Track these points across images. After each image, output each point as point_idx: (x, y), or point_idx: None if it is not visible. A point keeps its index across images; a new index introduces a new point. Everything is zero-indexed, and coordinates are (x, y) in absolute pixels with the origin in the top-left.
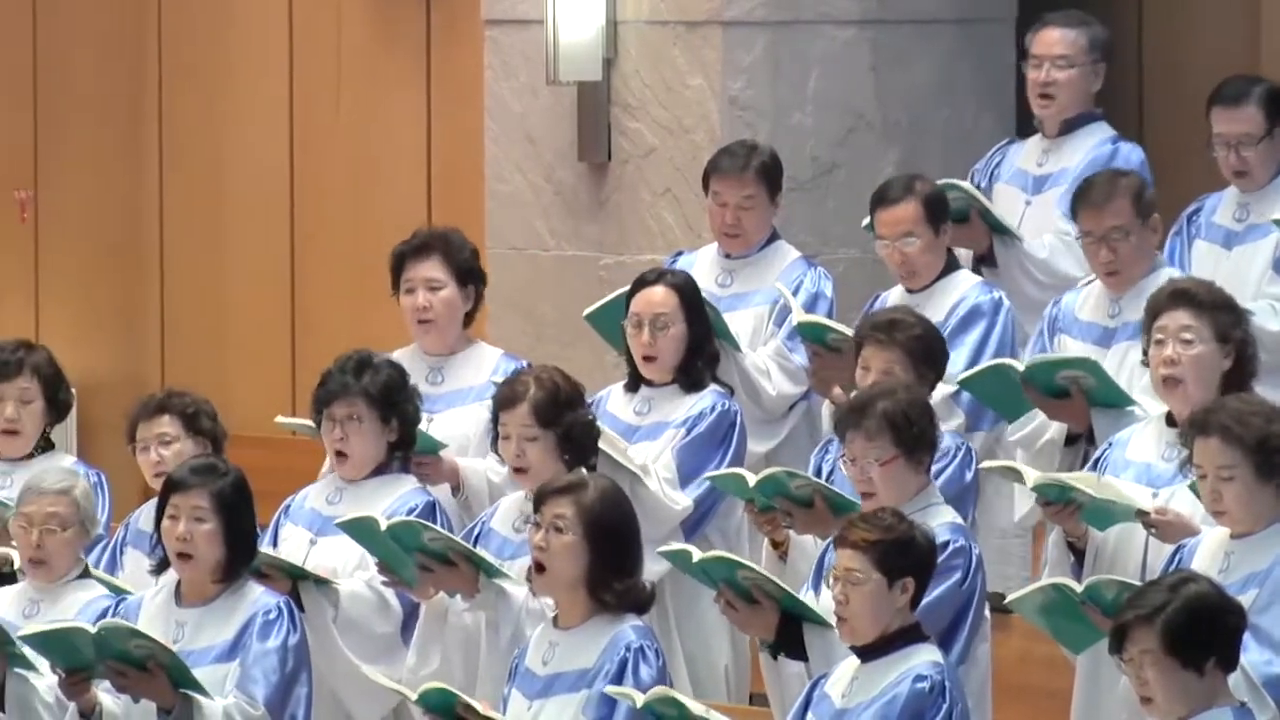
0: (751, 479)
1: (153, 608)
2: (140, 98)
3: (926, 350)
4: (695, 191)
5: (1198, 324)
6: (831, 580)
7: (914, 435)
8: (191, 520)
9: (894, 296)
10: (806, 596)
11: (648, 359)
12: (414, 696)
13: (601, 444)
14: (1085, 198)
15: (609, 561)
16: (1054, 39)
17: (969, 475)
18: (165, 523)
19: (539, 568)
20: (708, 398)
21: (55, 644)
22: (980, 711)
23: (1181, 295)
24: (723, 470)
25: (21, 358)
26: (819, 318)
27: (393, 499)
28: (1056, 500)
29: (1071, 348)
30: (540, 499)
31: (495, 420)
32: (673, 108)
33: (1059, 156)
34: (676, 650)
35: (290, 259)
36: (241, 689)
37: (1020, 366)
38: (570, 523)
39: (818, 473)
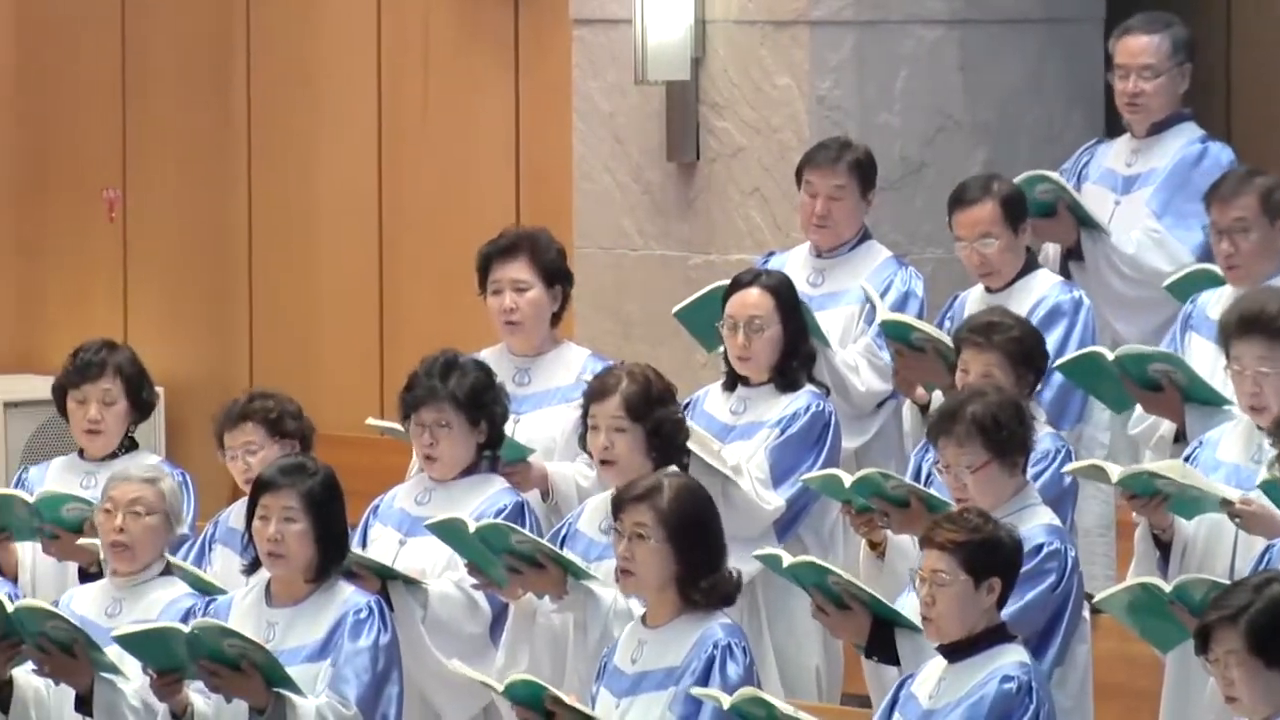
0: (847, 480)
1: (243, 607)
2: (229, 98)
3: (1025, 352)
4: (783, 191)
5: (1272, 354)
6: (918, 581)
7: (1005, 438)
8: (282, 520)
9: (973, 297)
10: (908, 598)
11: (743, 360)
12: (500, 688)
13: (692, 445)
14: (1216, 190)
15: (694, 560)
16: (1138, 48)
17: (1069, 478)
18: (256, 523)
19: (625, 574)
20: (803, 398)
21: (149, 644)
22: (1080, 712)
23: (1252, 323)
24: (818, 472)
25: (105, 358)
26: (903, 316)
27: (481, 500)
28: (1143, 493)
29: (1200, 346)
30: (618, 507)
31: (585, 413)
32: (760, 107)
33: (1148, 157)
34: (768, 650)
35: (378, 258)
36: (333, 689)
37: (1110, 355)
38: (651, 529)
39: (918, 471)
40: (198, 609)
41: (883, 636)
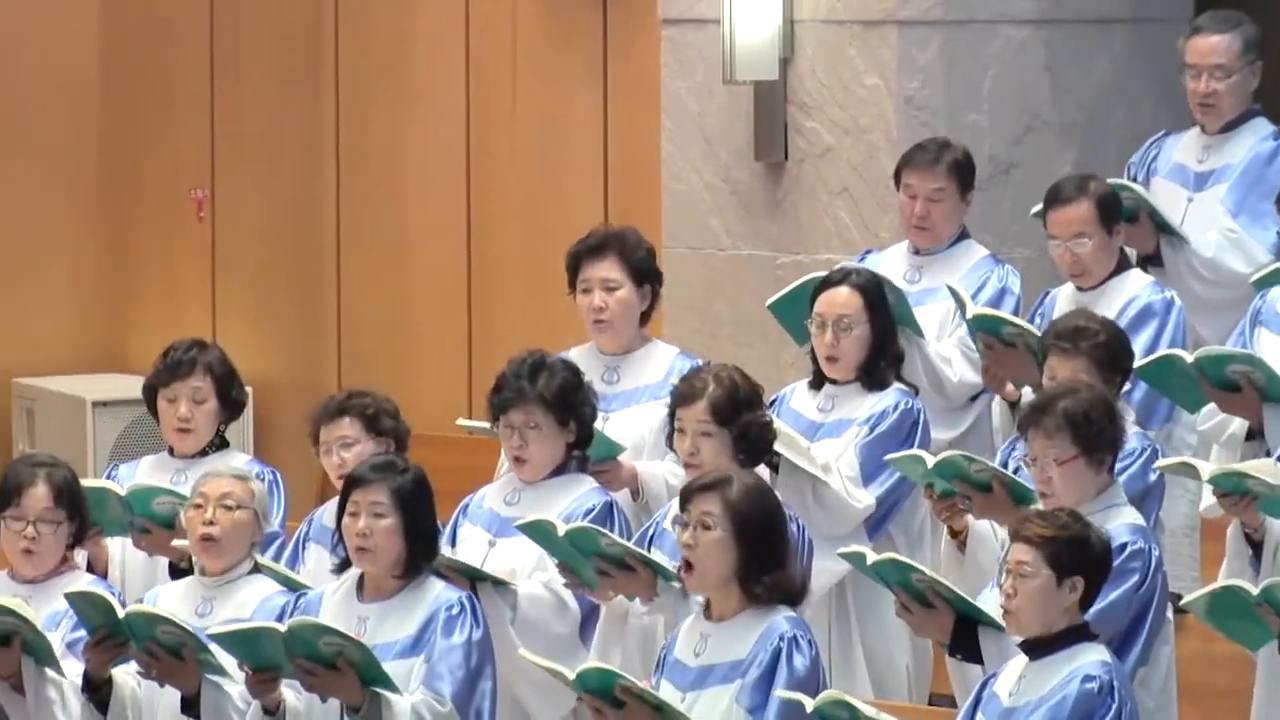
0: (930, 460)
1: (333, 603)
2: (317, 98)
3: (1111, 356)
4: (871, 190)
5: None
6: (1004, 573)
7: (1093, 434)
8: (371, 516)
9: (1064, 295)
10: (990, 595)
11: (830, 359)
12: (572, 676)
13: (780, 446)
14: None
15: (758, 555)
16: (1209, 48)
17: (1153, 476)
18: (346, 519)
19: (687, 566)
20: (891, 396)
21: (245, 643)
22: (1164, 713)
23: None
24: (902, 452)
25: (194, 356)
26: (994, 310)
27: (570, 500)
28: (1233, 492)
29: (1270, 341)
30: (686, 497)
31: (672, 416)
32: (849, 107)
33: (1220, 154)
34: (857, 649)
35: (467, 257)
36: (428, 686)
37: (1189, 358)
38: (718, 519)
39: (1004, 468)
40: (289, 606)
41: (966, 634)
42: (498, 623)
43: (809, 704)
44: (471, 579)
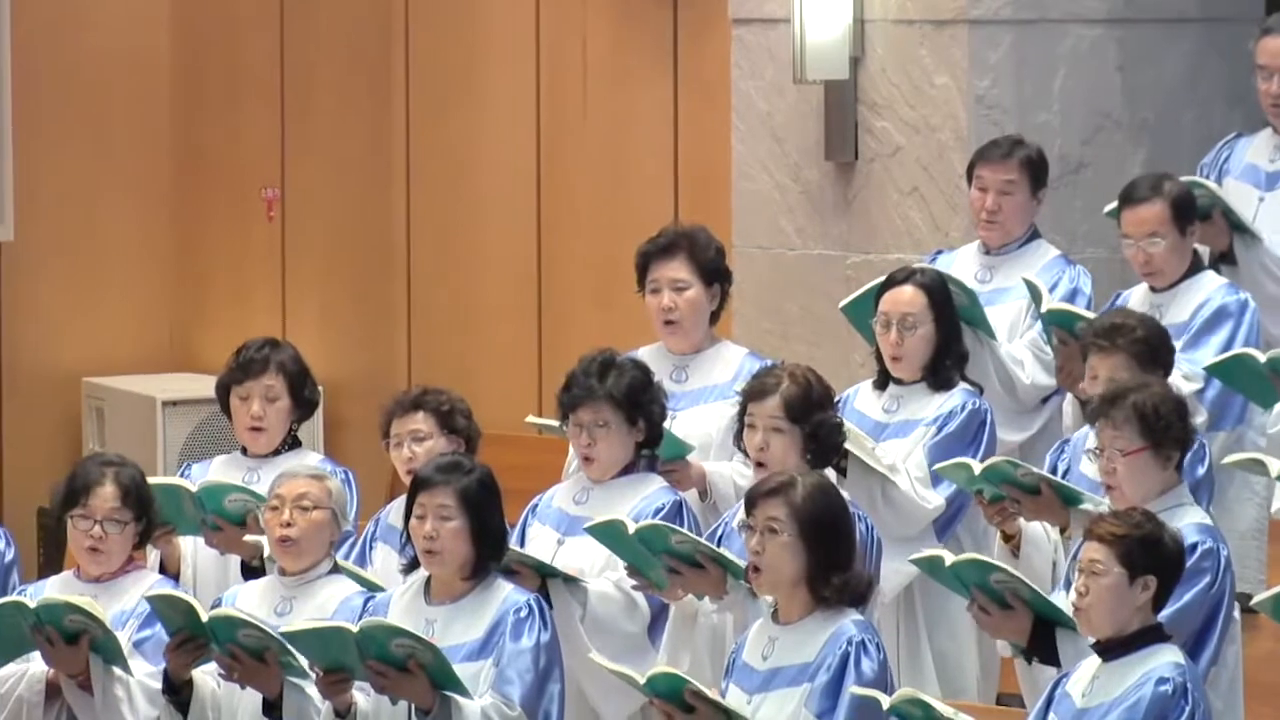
0: (977, 467)
1: (402, 604)
2: (387, 96)
3: (1151, 352)
4: (942, 190)
5: None
6: (1076, 572)
7: (1161, 429)
8: (438, 518)
9: (1137, 295)
10: (1055, 597)
11: (895, 358)
12: (641, 680)
13: (850, 445)
14: None
15: (825, 557)
16: (1278, 48)
17: (1201, 470)
18: (413, 522)
19: (755, 571)
20: (957, 396)
21: (317, 643)
22: (1231, 713)
23: None
24: (950, 461)
25: (267, 355)
26: (1068, 306)
27: (639, 498)
28: None
29: None
30: (751, 502)
31: (743, 411)
32: (919, 106)
33: None
34: (925, 649)
35: (537, 257)
36: (497, 689)
37: (1262, 358)
38: (784, 523)
39: (1053, 470)
40: (361, 607)
41: (1042, 637)
42: (568, 620)
43: (885, 701)
44: (542, 575)
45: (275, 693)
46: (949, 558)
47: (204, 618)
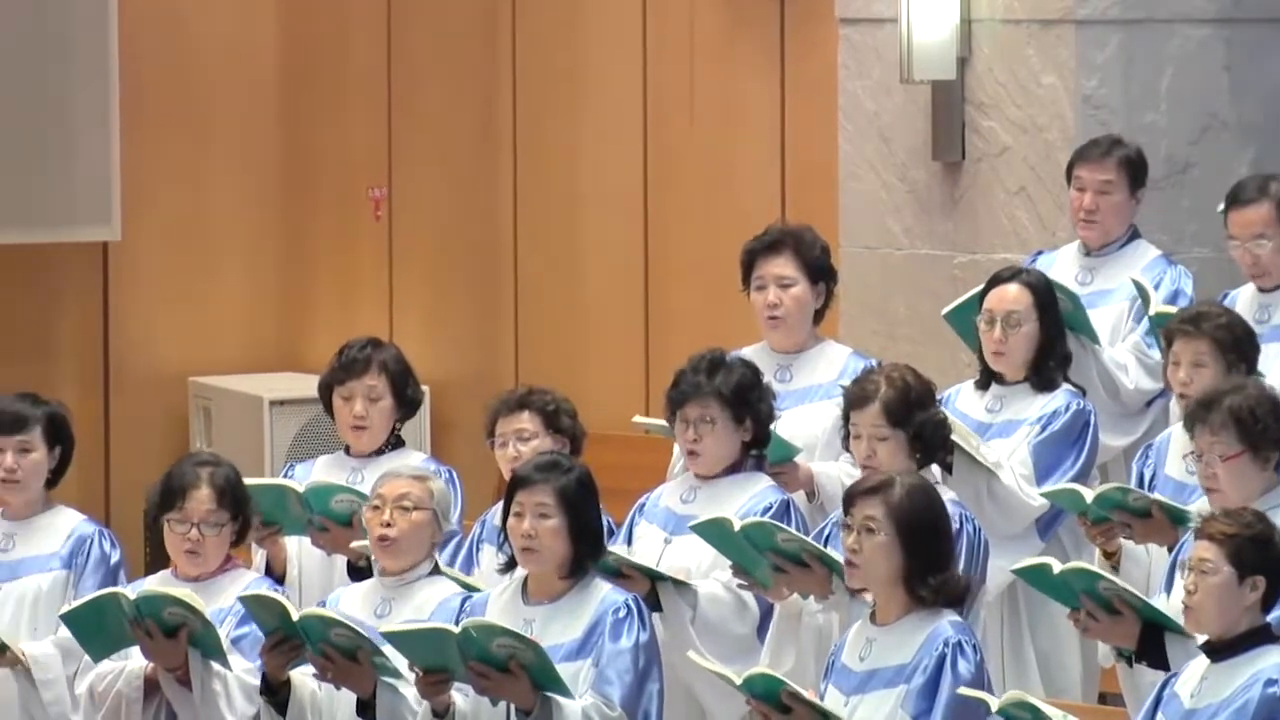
0: (1089, 495)
1: (499, 605)
2: (494, 96)
3: (1234, 340)
4: (1049, 190)
5: None
6: (1185, 571)
7: (1259, 431)
8: (536, 516)
9: (1244, 296)
10: (1157, 601)
11: (998, 355)
12: (739, 681)
13: (955, 438)
14: None
15: (921, 557)
16: None
17: None
18: (511, 520)
19: (851, 568)
20: (1061, 396)
21: (418, 643)
22: None
23: None
24: (1058, 485)
25: (369, 354)
26: (1175, 309)
27: (747, 497)
28: None
29: None
30: (849, 500)
31: (846, 419)
32: (1026, 106)
33: None
34: (1028, 648)
35: (644, 258)
36: (597, 690)
37: None
38: (881, 523)
39: (1140, 478)
40: (459, 607)
41: (1148, 641)
42: (678, 622)
43: (993, 703)
44: (652, 579)
45: (368, 692)
46: (1056, 565)
47: (295, 617)
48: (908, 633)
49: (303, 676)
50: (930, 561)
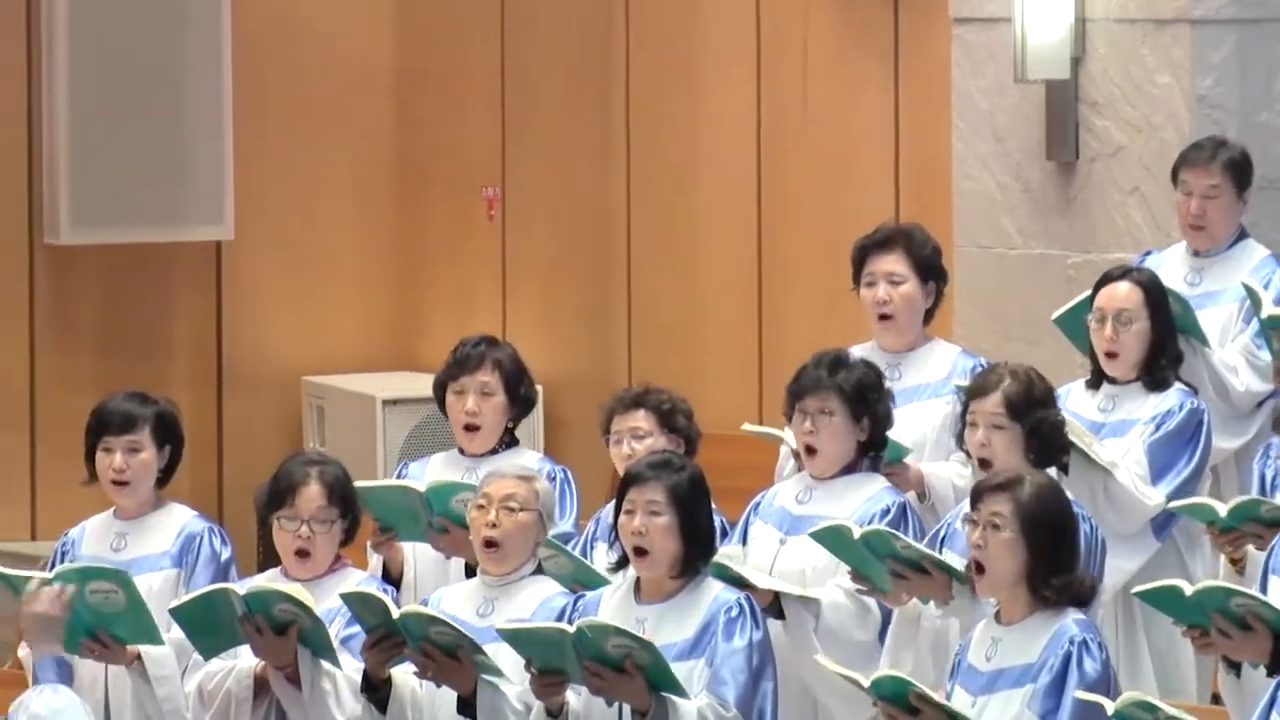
0: (1222, 509)
1: (611, 604)
2: (608, 97)
3: None
4: (1164, 190)
5: None
6: None
7: None
8: (647, 514)
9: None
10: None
11: (1110, 354)
12: (867, 683)
13: (1071, 436)
14: None
15: (1046, 557)
16: None
17: None
18: (621, 518)
19: (978, 568)
20: (1174, 396)
21: (534, 643)
22: None
23: None
24: (1192, 500)
25: (483, 352)
26: None
27: (864, 499)
28: None
29: None
30: (976, 496)
31: (965, 410)
32: (1141, 106)
33: None
34: (1142, 647)
35: (757, 256)
36: (711, 690)
37: None
38: (1007, 520)
39: (1261, 480)
40: (568, 608)
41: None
42: (801, 630)
43: (1109, 706)
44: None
45: (469, 690)
46: (1188, 587)
47: (395, 615)
48: (1033, 632)
49: (404, 675)
50: (1055, 562)
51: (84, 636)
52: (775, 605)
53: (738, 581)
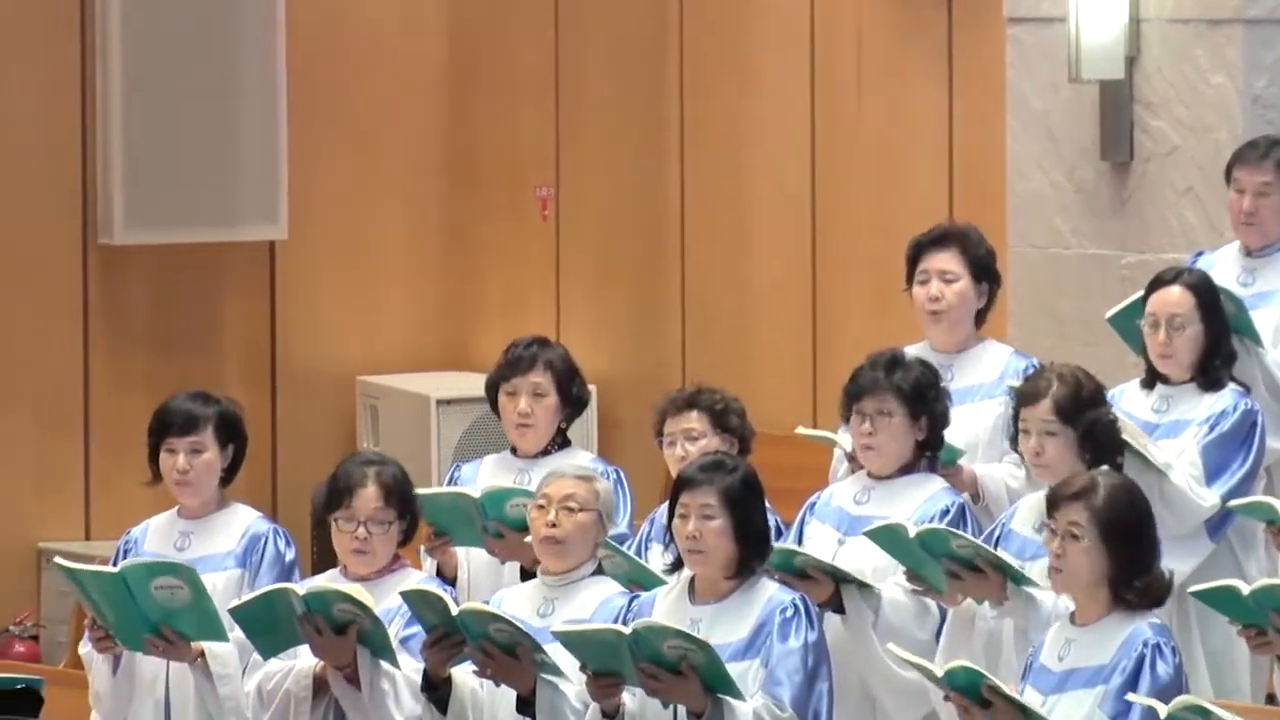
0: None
1: (666, 605)
2: (661, 97)
3: None
4: (1217, 190)
5: None
6: None
7: None
8: (700, 518)
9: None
10: None
11: (1164, 358)
12: (940, 673)
13: (1126, 437)
14: None
15: (1126, 560)
16: None
17: None
18: (676, 521)
19: (1057, 573)
20: (1228, 396)
21: (590, 645)
22: None
23: None
24: (1250, 499)
25: (535, 352)
26: None
27: (922, 499)
28: None
29: None
30: (1053, 504)
31: (1016, 416)
32: (1195, 106)
33: None
34: (1197, 647)
35: (811, 256)
36: (767, 691)
37: None
38: (1084, 528)
39: None
40: (623, 609)
41: None
42: (860, 625)
43: (1162, 710)
44: (835, 580)
45: (528, 689)
46: (1245, 587)
47: (454, 613)
48: (1107, 633)
49: (464, 674)
50: (1136, 564)
51: (148, 632)
52: (834, 599)
53: (800, 572)
